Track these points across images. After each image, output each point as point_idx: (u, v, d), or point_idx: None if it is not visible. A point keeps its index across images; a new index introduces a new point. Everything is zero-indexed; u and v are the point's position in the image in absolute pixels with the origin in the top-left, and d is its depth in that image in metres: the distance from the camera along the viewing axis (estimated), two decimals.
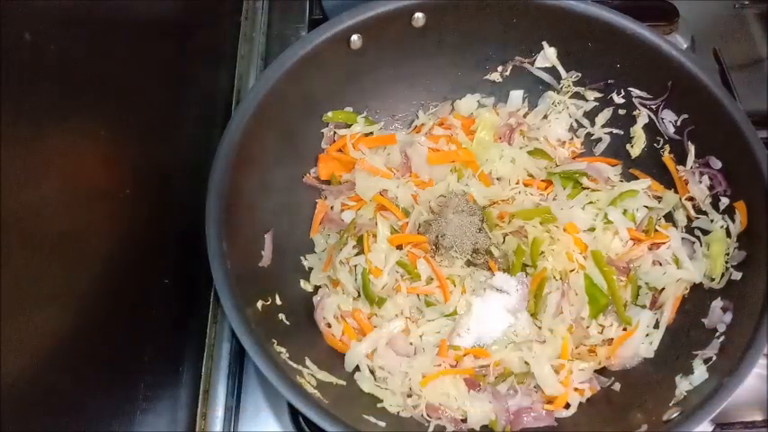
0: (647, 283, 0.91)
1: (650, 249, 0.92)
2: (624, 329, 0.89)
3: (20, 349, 0.49)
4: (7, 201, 0.47)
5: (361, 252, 0.91)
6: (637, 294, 0.91)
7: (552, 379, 0.84)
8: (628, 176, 0.99)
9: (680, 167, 0.93)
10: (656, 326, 0.88)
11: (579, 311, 0.89)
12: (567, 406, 0.84)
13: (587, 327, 0.89)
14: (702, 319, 0.84)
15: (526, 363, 0.86)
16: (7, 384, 0.47)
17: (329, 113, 0.98)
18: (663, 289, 0.90)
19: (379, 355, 0.86)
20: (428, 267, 0.91)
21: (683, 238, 0.92)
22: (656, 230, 0.93)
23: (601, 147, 1.01)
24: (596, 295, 0.89)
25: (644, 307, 0.89)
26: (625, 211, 0.94)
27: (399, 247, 0.92)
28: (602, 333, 0.89)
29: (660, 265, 0.91)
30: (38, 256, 0.53)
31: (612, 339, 0.88)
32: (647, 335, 0.87)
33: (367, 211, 0.95)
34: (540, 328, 0.88)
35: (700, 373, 0.77)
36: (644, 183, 0.96)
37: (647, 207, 0.95)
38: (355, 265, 0.91)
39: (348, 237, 0.92)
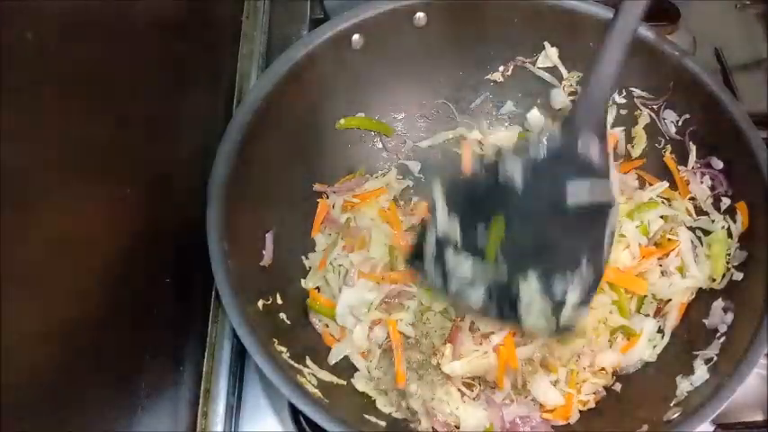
0: (653, 295, 0.90)
1: (659, 259, 0.90)
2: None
3: (20, 349, 0.49)
4: (6, 201, 0.47)
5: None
6: (641, 305, 0.90)
7: (553, 394, 0.83)
8: None
9: (681, 168, 0.93)
10: (660, 331, 0.87)
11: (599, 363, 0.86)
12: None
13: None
14: (703, 320, 0.84)
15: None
16: (7, 384, 0.47)
17: (341, 121, 0.97)
18: (669, 299, 0.89)
19: (373, 354, 0.86)
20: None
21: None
22: (669, 239, 0.90)
23: None
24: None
25: (647, 315, 0.89)
26: (640, 223, 0.91)
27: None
28: (611, 347, 0.87)
29: (666, 275, 0.89)
30: (38, 256, 0.53)
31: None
32: (650, 339, 0.86)
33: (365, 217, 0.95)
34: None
35: (700, 373, 0.77)
36: (660, 186, 0.93)
37: (662, 218, 0.91)
38: (340, 265, 0.91)
39: (339, 237, 0.92)
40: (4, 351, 0.47)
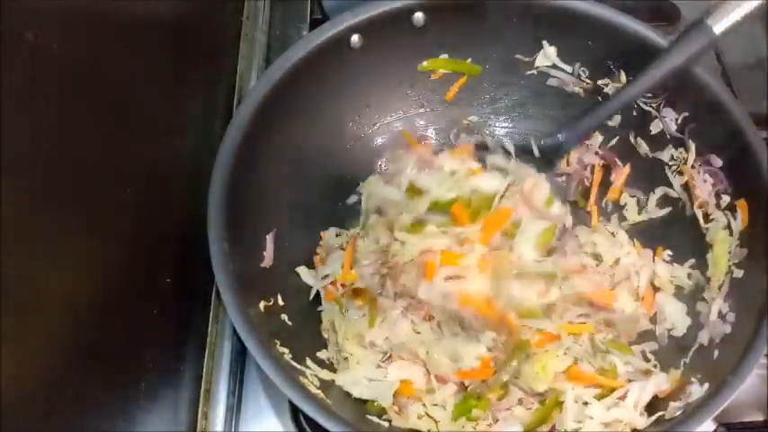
0: None
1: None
2: None
3: (21, 349, 0.49)
4: (6, 200, 0.47)
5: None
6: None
7: None
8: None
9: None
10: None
11: None
12: None
13: None
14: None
15: None
16: (8, 384, 0.47)
17: (425, 63, 0.98)
18: None
19: None
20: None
21: None
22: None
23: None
24: None
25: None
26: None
27: None
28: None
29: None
30: (38, 255, 0.53)
31: None
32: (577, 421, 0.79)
33: None
34: None
35: None
36: None
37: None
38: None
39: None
40: (5, 351, 0.47)
